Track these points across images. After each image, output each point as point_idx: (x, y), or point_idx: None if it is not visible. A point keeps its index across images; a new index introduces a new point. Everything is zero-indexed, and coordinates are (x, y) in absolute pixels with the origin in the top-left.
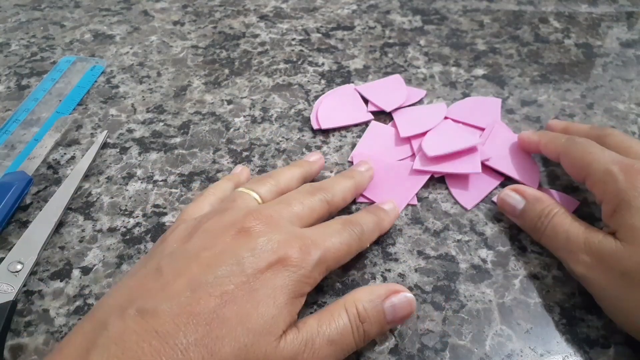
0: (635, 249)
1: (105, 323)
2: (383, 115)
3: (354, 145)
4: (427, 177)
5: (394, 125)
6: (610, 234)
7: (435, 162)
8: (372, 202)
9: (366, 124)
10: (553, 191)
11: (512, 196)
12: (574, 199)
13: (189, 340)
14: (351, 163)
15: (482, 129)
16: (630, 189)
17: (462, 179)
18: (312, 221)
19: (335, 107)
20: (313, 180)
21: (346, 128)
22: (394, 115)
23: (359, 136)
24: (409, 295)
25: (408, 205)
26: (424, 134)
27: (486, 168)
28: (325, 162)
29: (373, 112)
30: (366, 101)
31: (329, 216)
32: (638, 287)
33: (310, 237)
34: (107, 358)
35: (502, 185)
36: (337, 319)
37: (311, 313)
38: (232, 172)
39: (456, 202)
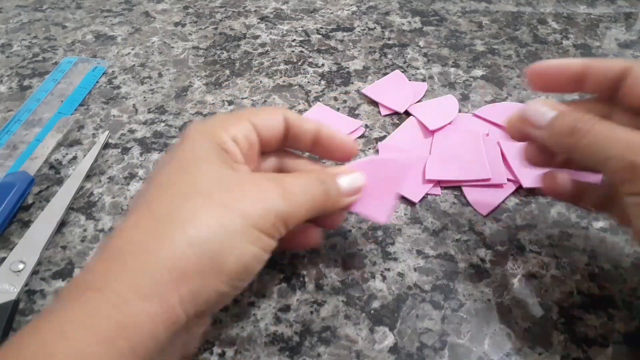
0: None
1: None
2: (396, 115)
3: None
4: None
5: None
6: None
7: (445, 171)
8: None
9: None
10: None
11: (538, 108)
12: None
13: (137, 217)
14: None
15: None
16: None
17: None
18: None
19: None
20: None
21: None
22: (412, 111)
23: (358, 137)
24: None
25: (410, 202)
26: (444, 126)
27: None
28: (325, 162)
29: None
30: (376, 103)
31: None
32: None
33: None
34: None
35: (516, 192)
36: (298, 177)
37: (311, 312)
38: None
39: (455, 202)
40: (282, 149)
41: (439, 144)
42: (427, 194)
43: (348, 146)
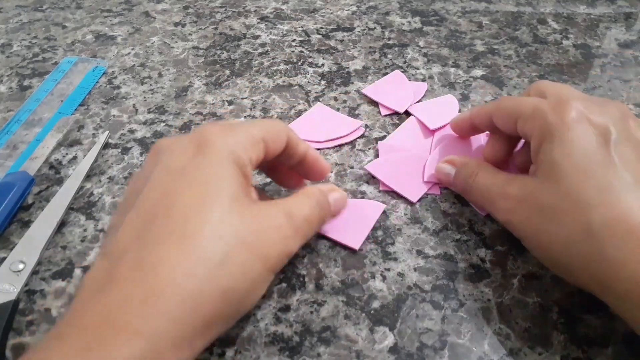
0: (552, 185)
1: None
2: (396, 115)
3: (353, 146)
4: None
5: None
6: (530, 176)
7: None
8: (392, 190)
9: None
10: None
11: (444, 167)
12: None
13: (152, 242)
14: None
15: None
16: (558, 122)
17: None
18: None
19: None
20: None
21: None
22: (412, 111)
23: (358, 137)
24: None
25: (411, 203)
26: (445, 126)
27: None
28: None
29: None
30: (376, 103)
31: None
32: (554, 220)
33: (227, 121)
34: (85, 299)
35: None
36: (300, 198)
37: (311, 312)
38: None
39: (455, 202)
40: None
41: (439, 143)
42: (426, 194)
43: (326, 169)
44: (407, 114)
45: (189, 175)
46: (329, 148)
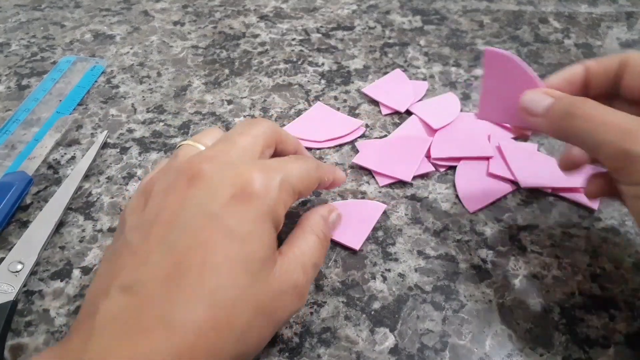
0: None
1: (96, 308)
2: (397, 114)
3: (353, 146)
4: (428, 143)
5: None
6: None
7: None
8: (385, 176)
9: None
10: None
11: (535, 96)
12: None
13: (183, 299)
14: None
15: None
16: None
17: (472, 181)
18: (260, 151)
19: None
20: None
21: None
22: (413, 110)
23: (359, 136)
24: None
25: (406, 200)
26: (446, 125)
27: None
28: (326, 161)
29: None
30: (376, 102)
31: (276, 152)
32: None
33: (266, 163)
34: (107, 338)
35: (513, 192)
36: (311, 243)
37: (311, 313)
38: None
39: (456, 202)
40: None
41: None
42: (422, 174)
43: (342, 180)
44: (408, 113)
45: (225, 223)
46: (329, 148)
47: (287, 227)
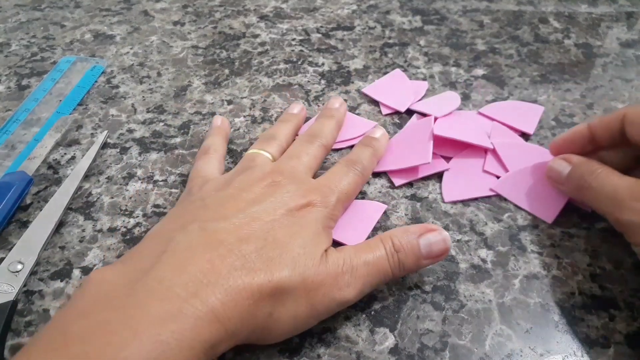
0: None
1: (171, 237)
2: (397, 114)
3: (352, 147)
4: (432, 122)
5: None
6: None
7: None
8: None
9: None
10: None
11: (559, 163)
12: None
13: (249, 249)
14: None
15: (515, 130)
16: None
17: (461, 175)
18: (318, 165)
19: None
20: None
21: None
22: (414, 109)
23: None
24: (444, 233)
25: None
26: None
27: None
28: (326, 162)
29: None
30: (376, 102)
31: (327, 155)
32: None
33: (325, 185)
34: (178, 260)
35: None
36: (374, 248)
37: None
38: (213, 125)
39: (456, 202)
40: None
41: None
42: (408, 182)
43: None
44: (408, 113)
45: (298, 215)
46: (342, 148)
47: None
